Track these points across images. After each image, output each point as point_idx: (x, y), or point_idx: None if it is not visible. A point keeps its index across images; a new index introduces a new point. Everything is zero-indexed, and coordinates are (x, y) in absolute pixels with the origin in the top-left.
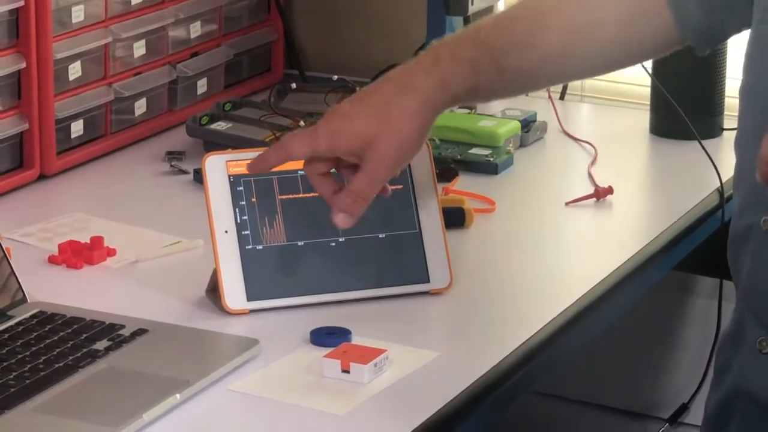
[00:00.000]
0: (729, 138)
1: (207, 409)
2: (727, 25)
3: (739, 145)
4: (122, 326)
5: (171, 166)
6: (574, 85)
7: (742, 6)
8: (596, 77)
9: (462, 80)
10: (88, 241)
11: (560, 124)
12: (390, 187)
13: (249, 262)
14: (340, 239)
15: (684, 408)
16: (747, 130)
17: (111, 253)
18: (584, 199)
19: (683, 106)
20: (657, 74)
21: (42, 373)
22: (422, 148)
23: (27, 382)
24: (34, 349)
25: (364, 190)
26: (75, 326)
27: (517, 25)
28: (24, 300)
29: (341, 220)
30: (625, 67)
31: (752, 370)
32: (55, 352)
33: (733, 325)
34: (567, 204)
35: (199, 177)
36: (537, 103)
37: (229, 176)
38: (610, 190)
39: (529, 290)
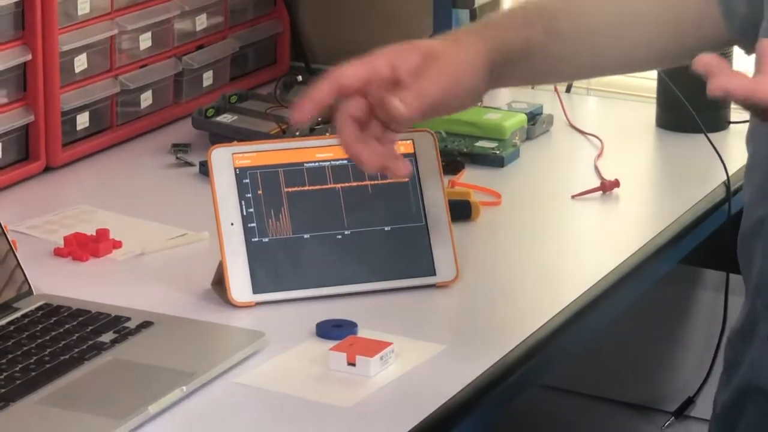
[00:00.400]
0: (735, 131)
1: (212, 401)
2: None
3: (752, 140)
4: (128, 318)
5: (177, 158)
6: None
7: None
8: None
9: (516, 36)
10: (94, 234)
11: (567, 117)
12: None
13: (255, 254)
14: (346, 232)
15: (690, 401)
16: (759, 124)
17: (117, 245)
18: (590, 192)
19: (690, 100)
20: None
21: (47, 366)
22: (429, 141)
23: (32, 374)
24: (39, 341)
25: (418, 98)
26: (80, 318)
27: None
28: (30, 292)
29: (397, 104)
30: (667, 66)
31: (765, 364)
32: (60, 345)
33: (743, 320)
34: (573, 197)
35: (204, 169)
36: (543, 96)
37: (235, 169)
38: (616, 183)
39: (535, 283)
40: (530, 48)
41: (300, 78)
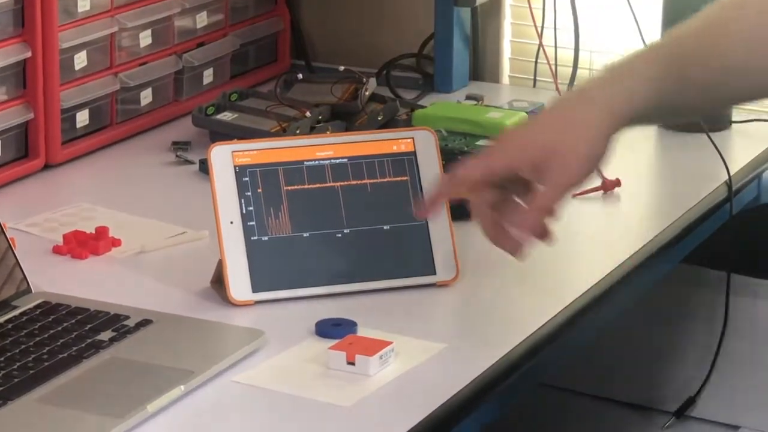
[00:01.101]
0: (738, 130)
1: (211, 400)
2: None
3: None
4: (127, 317)
5: (177, 156)
6: (582, 75)
7: None
8: None
9: (645, 96)
10: (93, 232)
11: None
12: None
13: (254, 253)
14: (346, 230)
15: (691, 401)
16: None
17: (116, 243)
18: (591, 191)
19: None
20: None
21: (46, 364)
22: (429, 140)
23: (31, 372)
24: (38, 339)
25: (549, 201)
26: (79, 317)
27: (704, 37)
28: (28, 290)
29: (530, 243)
30: None
31: None
32: (59, 343)
33: None
34: (574, 196)
35: (204, 167)
36: (544, 95)
37: (235, 167)
38: (617, 183)
39: (535, 283)
40: (661, 105)
41: (301, 76)
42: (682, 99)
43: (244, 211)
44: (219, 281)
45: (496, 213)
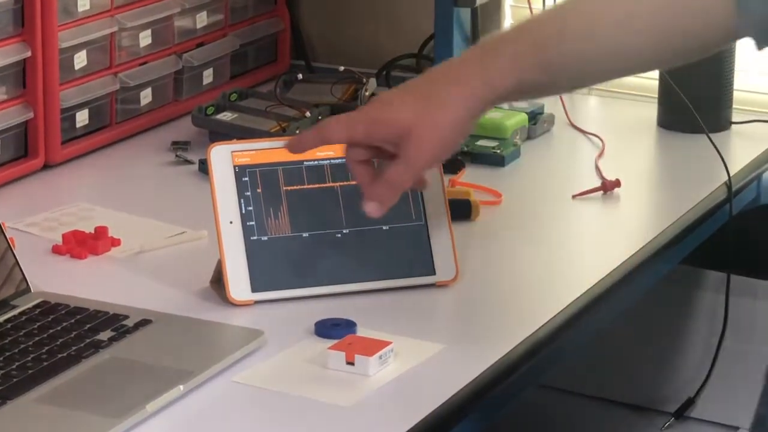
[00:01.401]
0: (737, 131)
1: (210, 400)
2: None
3: None
4: (126, 317)
5: (176, 156)
6: None
7: None
8: None
9: (506, 76)
10: (93, 231)
11: (568, 116)
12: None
13: (254, 253)
14: (345, 231)
15: (690, 402)
16: None
17: (115, 243)
18: (591, 192)
19: (691, 99)
20: None
21: (45, 364)
22: None
23: (30, 372)
24: (37, 339)
25: (397, 179)
26: (78, 316)
27: (565, 19)
28: (27, 290)
29: (372, 208)
30: (674, 65)
31: None
32: (58, 343)
33: None
34: (574, 197)
35: (204, 167)
36: None
37: (235, 167)
38: (617, 183)
39: (534, 283)
40: (522, 86)
41: (300, 76)
42: (544, 80)
43: (243, 211)
44: (218, 281)
45: (369, 166)
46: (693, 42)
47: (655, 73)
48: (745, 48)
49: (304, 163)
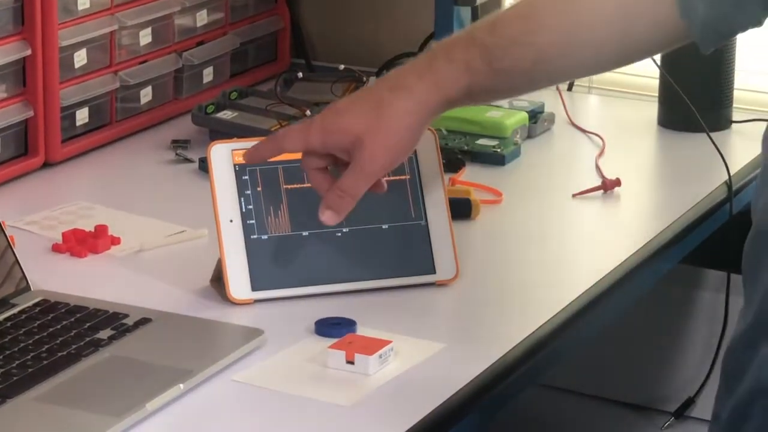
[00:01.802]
0: (738, 130)
1: (210, 399)
2: (734, 21)
3: None
4: (126, 315)
5: (176, 154)
6: None
7: (750, 3)
8: None
9: (455, 81)
10: (93, 230)
11: (568, 115)
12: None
13: (254, 251)
14: (345, 230)
15: (690, 402)
16: None
17: (115, 241)
18: (591, 191)
19: (692, 98)
20: (666, 66)
21: (45, 362)
22: (429, 139)
23: (29, 370)
24: (36, 337)
25: (351, 187)
26: (78, 315)
27: (512, 24)
28: (27, 288)
29: (327, 216)
30: (625, 65)
31: None
32: (58, 341)
33: (750, 325)
34: (574, 196)
35: (204, 166)
36: (545, 95)
37: (235, 165)
38: (617, 182)
39: (535, 282)
40: (471, 90)
41: (300, 75)
42: (494, 84)
43: (243, 210)
44: (218, 280)
45: (326, 174)
46: (640, 46)
47: (655, 72)
48: (745, 47)
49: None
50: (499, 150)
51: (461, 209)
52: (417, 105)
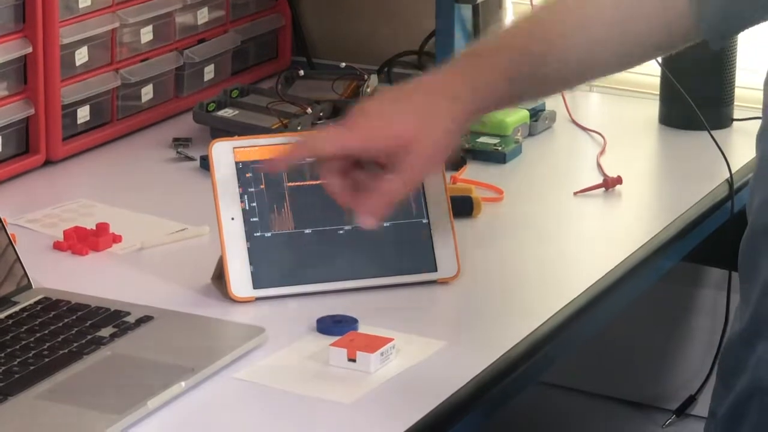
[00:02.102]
0: (739, 128)
1: (212, 397)
2: (745, 15)
3: (763, 139)
4: (127, 313)
5: (177, 152)
6: None
7: None
8: None
9: (496, 88)
10: (94, 228)
11: (569, 113)
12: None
13: (256, 249)
14: (348, 227)
15: (692, 399)
16: None
17: (117, 239)
18: (593, 188)
19: (693, 97)
20: (667, 64)
21: (46, 360)
22: None
23: (31, 368)
24: (38, 335)
25: (396, 191)
26: (80, 313)
27: (543, 27)
28: (29, 286)
29: (368, 221)
30: (642, 63)
31: None
32: (59, 339)
33: (747, 323)
34: (575, 194)
35: (205, 164)
36: None
37: (236, 163)
38: (618, 180)
39: (536, 280)
40: (512, 96)
41: (301, 72)
42: (533, 89)
43: (246, 208)
44: (220, 278)
45: (346, 178)
46: (652, 45)
47: (657, 71)
48: (746, 45)
49: (307, 159)
50: (500, 148)
51: (462, 207)
52: (462, 112)
